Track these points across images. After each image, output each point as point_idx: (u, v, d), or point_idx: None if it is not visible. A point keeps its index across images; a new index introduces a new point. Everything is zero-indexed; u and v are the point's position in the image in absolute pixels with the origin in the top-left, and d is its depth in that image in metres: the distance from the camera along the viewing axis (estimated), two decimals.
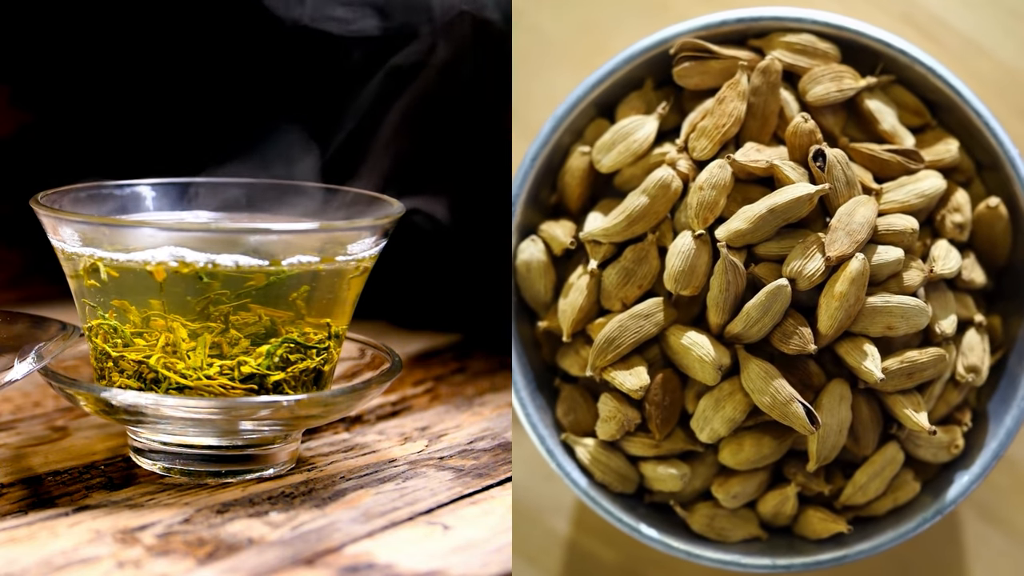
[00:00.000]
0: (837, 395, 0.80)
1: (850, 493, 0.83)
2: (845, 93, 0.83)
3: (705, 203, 0.80)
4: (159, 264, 0.81)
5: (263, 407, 0.82)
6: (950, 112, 0.84)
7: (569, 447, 0.85)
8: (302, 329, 0.84)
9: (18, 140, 1.23)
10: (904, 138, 0.83)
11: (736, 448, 0.82)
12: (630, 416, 0.82)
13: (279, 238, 0.82)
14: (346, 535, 0.79)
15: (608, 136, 0.84)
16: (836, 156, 0.80)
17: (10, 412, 0.95)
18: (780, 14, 0.84)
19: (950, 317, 0.82)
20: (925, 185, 0.82)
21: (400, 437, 0.93)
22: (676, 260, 0.80)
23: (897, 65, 0.84)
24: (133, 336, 0.83)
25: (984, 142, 0.83)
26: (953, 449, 0.83)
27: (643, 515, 0.84)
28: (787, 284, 0.79)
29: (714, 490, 0.83)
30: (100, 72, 1.22)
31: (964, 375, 0.83)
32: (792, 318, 0.79)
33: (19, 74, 1.23)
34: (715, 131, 0.82)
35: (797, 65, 0.83)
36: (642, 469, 0.84)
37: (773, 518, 0.84)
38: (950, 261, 0.82)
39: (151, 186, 0.90)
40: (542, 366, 0.86)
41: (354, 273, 0.85)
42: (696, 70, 0.84)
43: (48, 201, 0.84)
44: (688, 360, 0.81)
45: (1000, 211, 0.84)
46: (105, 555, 0.75)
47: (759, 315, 0.79)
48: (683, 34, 0.84)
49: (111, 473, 0.86)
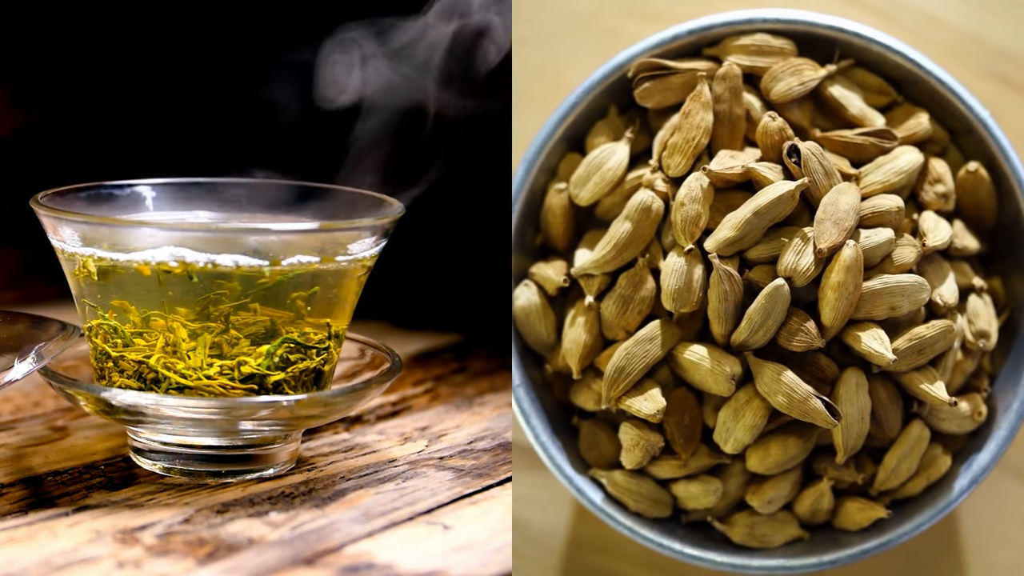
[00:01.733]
0: (853, 384, 0.80)
1: (883, 478, 0.83)
2: (807, 85, 0.83)
3: (689, 218, 0.80)
4: (144, 263, 0.81)
5: (263, 407, 0.82)
6: (915, 86, 0.84)
7: (598, 482, 0.84)
8: (302, 329, 0.84)
9: (18, 140, 1.23)
10: (874, 119, 0.84)
11: (763, 454, 0.82)
12: (653, 440, 0.82)
13: (279, 238, 0.82)
14: (346, 535, 0.79)
15: (582, 169, 0.84)
16: (810, 149, 0.80)
17: (10, 412, 0.95)
18: (730, 19, 0.84)
19: (950, 287, 0.82)
20: (902, 162, 0.82)
21: (400, 437, 0.93)
22: (670, 279, 0.80)
23: (854, 48, 0.84)
24: (133, 336, 0.83)
25: (953, 109, 0.83)
26: (977, 416, 0.83)
27: (683, 536, 0.84)
28: (784, 284, 0.79)
29: (749, 498, 0.83)
30: (100, 72, 1.22)
31: (974, 341, 0.83)
32: (795, 316, 0.79)
33: (19, 74, 1.23)
34: (686, 145, 0.82)
35: (756, 66, 0.83)
36: (674, 491, 0.84)
37: (811, 516, 0.84)
38: (940, 232, 0.82)
39: (151, 186, 0.90)
40: (556, 406, 0.86)
41: (354, 273, 0.85)
42: (657, 88, 0.84)
43: (48, 201, 0.84)
44: (700, 375, 0.81)
45: (981, 174, 0.84)
46: (105, 555, 0.75)
47: (762, 319, 0.79)
48: (638, 55, 0.84)
49: (111, 473, 0.86)
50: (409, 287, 1.13)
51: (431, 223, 0.99)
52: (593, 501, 0.83)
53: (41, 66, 1.23)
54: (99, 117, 1.22)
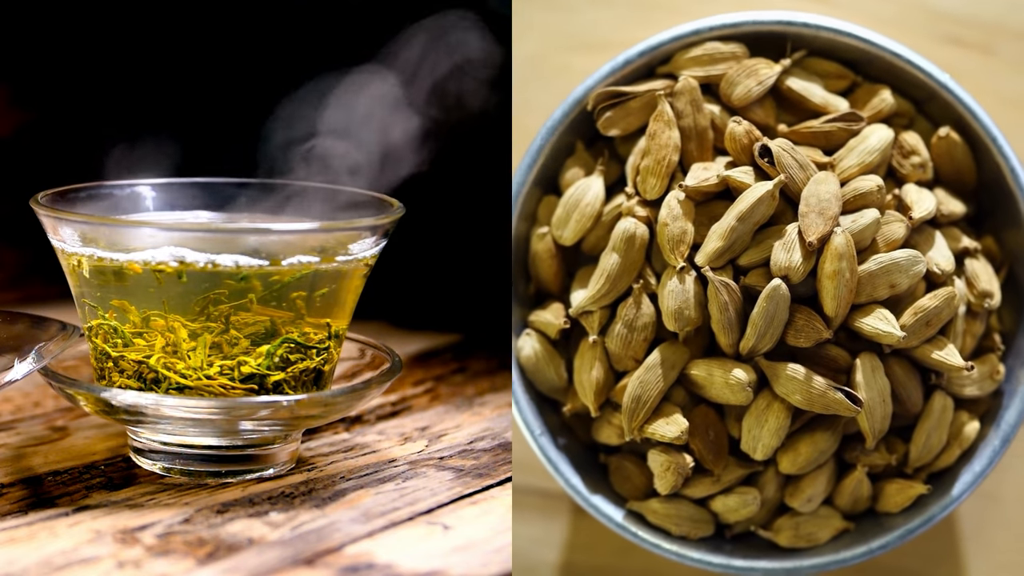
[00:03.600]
0: (868, 368, 0.80)
1: (916, 455, 0.83)
2: (765, 84, 0.83)
3: (675, 237, 0.80)
4: (139, 263, 0.81)
5: (263, 407, 0.82)
6: (871, 64, 0.85)
7: (637, 513, 0.84)
8: (302, 329, 0.84)
9: (18, 140, 1.23)
10: (837, 104, 0.84)
11: (793, 454, 0.82)
12: (683, 462, 0.82)
13: (279, 238, 0.82)
14: (346, 535, 0.79)
15: (560, 210, 0.84)
16: (780, 145, 0.80)
17: (10, 412, 0.95)
18: (677, 33, 0.84)
19: (945, 254, 0.82)
20: (873, 140, 0.82)
21: (400, 437, 0.93)
22: (668, 300, 0.80)
23: (804, 39, 0.84)
24: (133, 336, 0.83)
25: (913, 79, 0.84)
26: (996, 376, 0.84)
27: (730, 550, 0.84)
28: (781, 283, 0.79)
29: (788, 500, 0.83)
30: (101, 72, 1.22)
31: (979, 302, 0.83)
32: (798, 312, 0.80)
33: (19, 74, 1.23)
34: (658, 166, 0.82)
35: (711, 75, 0.84)
36: (712, 507, 0.84)
37: (853, 505, 0.84)
38: (925, 202, 0.82)
39: (151, 186, 0.90)
40: (581, 447, 0.86)
41: (354, 273, 0.85)
42: (618, 116, 0.84)
43: (48, 201, 0.84)
44: (716, 390, 0.81)
45: (953, 138, 0.84)
46: (105, 555, 0.75)
47: (766, 322, 0.79)
48: (593, 87, 0.84)
49: (111, 473, 0.86)
50: (409, 287, 1.13)
51: (431, 223, 0.99)
52: (636, 534, 0.83)
53: (41, 66, 1.23)
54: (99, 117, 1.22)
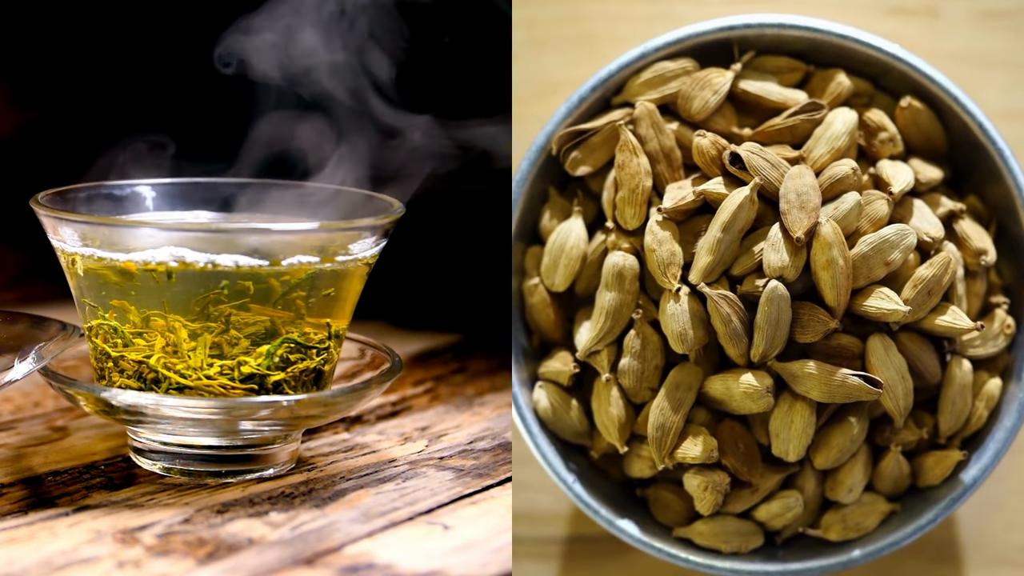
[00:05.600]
0: (881, 348, 0.80)
1: (946, 423, 0.83)
2: (721, 93, 0.84)
3: (664, 261, 0.81)
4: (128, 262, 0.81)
5: (263, 407, 0.82)
6: (820, 50, 0.85)
7: (687, 540, 0.84)
8: (302, 329, 0.84)
9: (18, 140, 1.23)
10: (796, 97, 0.84)
11: (826, 449, 0.82)
12: (719, 480, 0.82)
13: (279, 238, 0.82)
14: (346, 535, 0.79)
15: (547, 258, 0.85)
16: (749, 149, 0.81)
17: (10, 412, 0.95)
18: (624, 60, 0.84)
19: (932, 221, 0.82)
20: (838, 125, 0.83)
21: (400, 437, 0.93)
22: (671, 324, 0.80)
23: (750, 40, 0.85)
24: (133, 336, 0.83)
25: (864, 57, 0.84)
26: (1007, 330, 0.84)
27: (784, 556, 0.84)
28: (777, 284, 0.79)
29: (829, 494, 0.84)
30: (101, 72, 1.22)
31: (975, 261, 0.84)
32: (801, 309, 0.80)
33: (19, 74, 1.23)
34: (633, 195, 0.82)
35: (666, 95, 0.84)
36: (757, 518, 0.84)
37: (895, 486, 0.84)
38: (902, 175, 0.82)
39: (151, 186, 0.90)
40: (616, 486, 0.86)
41: (354, 273, 0.85)
42: (584, 154, 0.84)
43: (48, 201, 0.84)
44: (736, 402, 0.81)
45: (916, 106, 0.84)
46: (105, 555, 0.75)
47: (771, 325, 0.79)
48: (554, 131, 0.84)
49: (111, 473, 0.86)
50: (409, 287, 1.13)
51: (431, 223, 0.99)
52: (689, 560, 0.83)
53: (41, 66, 1.23)
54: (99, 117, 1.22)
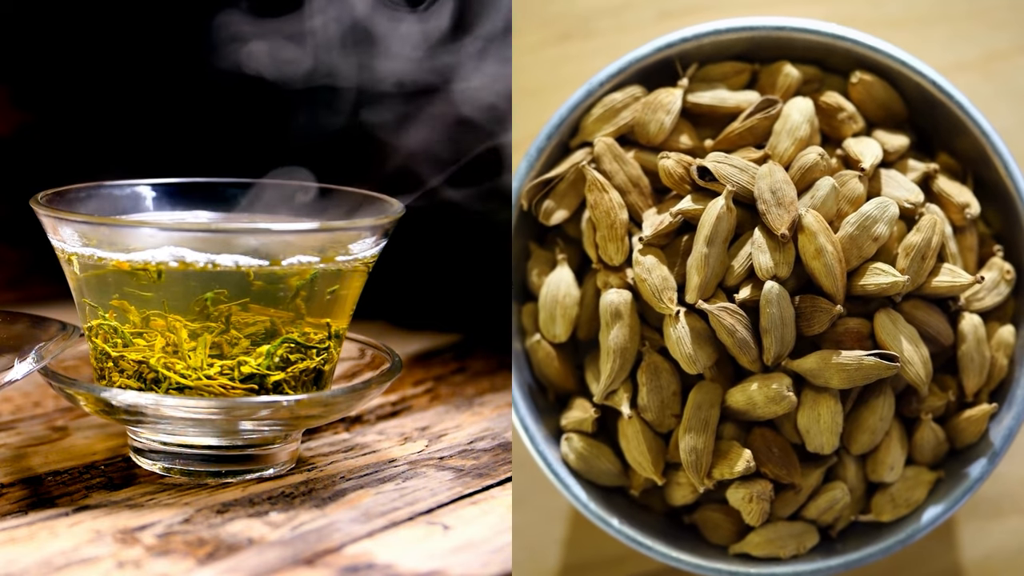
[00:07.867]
0: (888, 322, 0.80)
1: (969, 381, 0.83)
2: (674, 111, 0.84)
3: (658, 287, 0.81)
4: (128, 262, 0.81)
5: (263, 407, 0.82)
6: (761, 48, 0.85)
7: (745, 554, 0.84)
8: (302, 329, 0.84)
9: (18, 140, 1.23)
10: (749, 98, 0.85)
11: (859, 433, 0.82)
12: (761, 489, 0.82)
13: (279, 238, 0.82)
14: (346, 535, 0.79)
15: (543, 312, 0.85)
16: (714, 159, 0.81)
17: (10, 412, 0.95)
18: (572, 103, 0.85)
19: (909, 188, 0.83)
20: (796, 116, 0.83)
21: (400, 437, 0.93)
22: (678, 347, 0.80)
23: (690, 53, 0.85)
24: (133, 336, 0.83)
25: (804, 43, 0.84)
26: (1007, 276, 0.84)
27: (842, 548, 0.84)
28: (774, 284, 0.79)
29: (872, 477, 0.84)
30: (101, 72, 1.22)
31: (960, 216, 0.84)
32: (803, 303, 0.80)
33: (19, 74, 1.23)
34: (612, 231, 0.83)
35: (620, 126, 0.85)
36: (807, 516, 0.84)
37: (934, 454, 0.84)
38: (870, 150, 0.83)
39: (151, 186, 0.90)
40: (662, 519, 0.86)
41: (354, 273, 0.85)
42: (555, 201, 0.85)
43: (48, 201, 0.84)
44: (760, 409, 0.81)
45: (866, 79, 0.85)
46: (105, 555, 0.75)
47: (777, 326, 0.79)
48: (520, 186, 0.85)
49: (111, 473, 0.86)
50: (409, 287, 1.13)
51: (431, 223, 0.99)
52: (751, 573, 0.83)
53: (41, 66, 1.23)
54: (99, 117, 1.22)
